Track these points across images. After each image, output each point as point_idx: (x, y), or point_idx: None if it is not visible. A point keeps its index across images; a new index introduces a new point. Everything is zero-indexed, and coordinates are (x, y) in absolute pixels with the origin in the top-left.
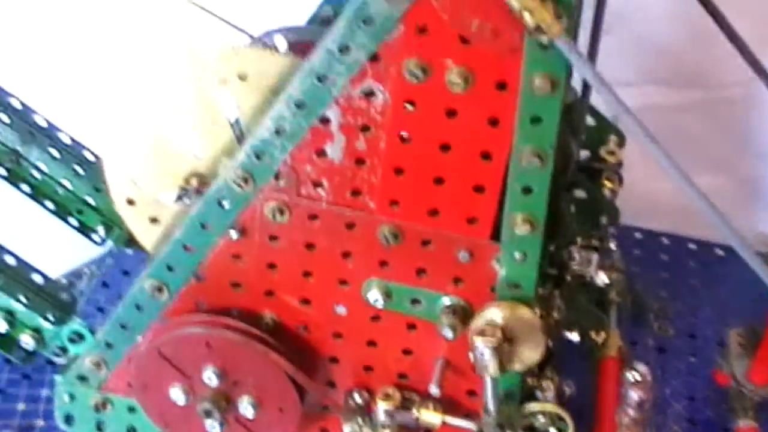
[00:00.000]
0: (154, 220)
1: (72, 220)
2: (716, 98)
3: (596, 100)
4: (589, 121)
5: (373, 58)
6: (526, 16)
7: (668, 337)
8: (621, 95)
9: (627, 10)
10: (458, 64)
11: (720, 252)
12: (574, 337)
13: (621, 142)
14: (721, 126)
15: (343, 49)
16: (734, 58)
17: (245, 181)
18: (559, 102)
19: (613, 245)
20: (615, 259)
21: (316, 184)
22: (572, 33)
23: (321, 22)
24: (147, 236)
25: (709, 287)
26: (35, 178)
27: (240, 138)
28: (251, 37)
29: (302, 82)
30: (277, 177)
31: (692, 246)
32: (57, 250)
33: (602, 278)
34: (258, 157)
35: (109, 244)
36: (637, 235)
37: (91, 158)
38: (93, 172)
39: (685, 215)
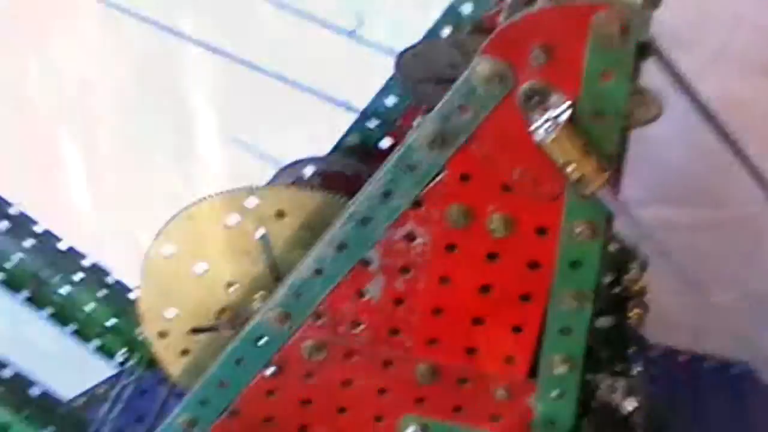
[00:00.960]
0: (185, 352)
1: (94, 343)
2: (728, 217)
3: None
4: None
5: (417, 202)
6: (569, 169)
7: None
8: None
9: (642, 130)
10: (500, 210)
11: (736, 371)
12: None
13: (643, 267)
14: (731, 244)
15: (387, 194)
16: (745, 178)
17: (283, 319)
18: (599, 247)
19: (636, 369)
20: (637, 381)
21: (354, 323)
22: (612, 181)
23: (346, 150)
24: (176, 367)
25: (729, 406)
26: (57, 303)
27: (273, 272)
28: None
29: (345, 225)
30: (315, 315)
31: (709, 364)
32: (72, 368)
33: (629, 404)
34: (297, 295)
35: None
36: (653, 352)
37: (112, 282)
38: (115, 295)
39: (701, 332)
